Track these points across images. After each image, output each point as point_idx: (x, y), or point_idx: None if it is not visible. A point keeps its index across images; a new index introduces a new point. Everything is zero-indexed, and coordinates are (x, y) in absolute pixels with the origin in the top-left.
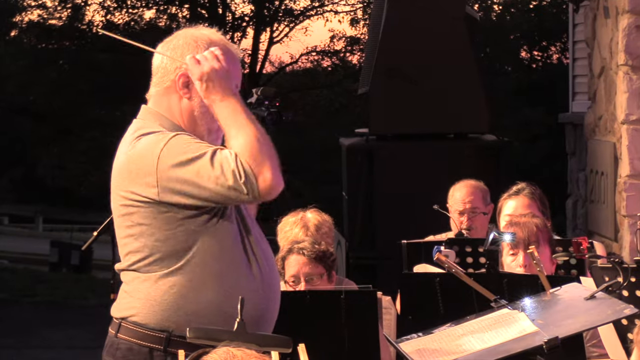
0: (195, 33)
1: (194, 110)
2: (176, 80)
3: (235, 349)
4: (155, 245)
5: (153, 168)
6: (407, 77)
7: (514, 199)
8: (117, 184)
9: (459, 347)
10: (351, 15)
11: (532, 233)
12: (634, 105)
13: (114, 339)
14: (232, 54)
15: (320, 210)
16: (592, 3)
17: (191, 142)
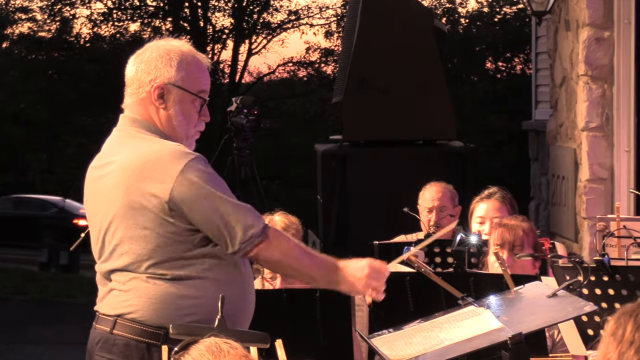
0: (167, 46)
1: (172, 119)
2: (151, 92)
3: (222, 340)
4: (157, 250)
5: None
6: (379, 87)
7: (485, 202)
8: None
9: (427, 342)
10: (325, 28)
11: (518, 236)
12: (594, 113)
13: (109, 335)
14: (201, 64)
15: (287, 213)
16: (554, 16)
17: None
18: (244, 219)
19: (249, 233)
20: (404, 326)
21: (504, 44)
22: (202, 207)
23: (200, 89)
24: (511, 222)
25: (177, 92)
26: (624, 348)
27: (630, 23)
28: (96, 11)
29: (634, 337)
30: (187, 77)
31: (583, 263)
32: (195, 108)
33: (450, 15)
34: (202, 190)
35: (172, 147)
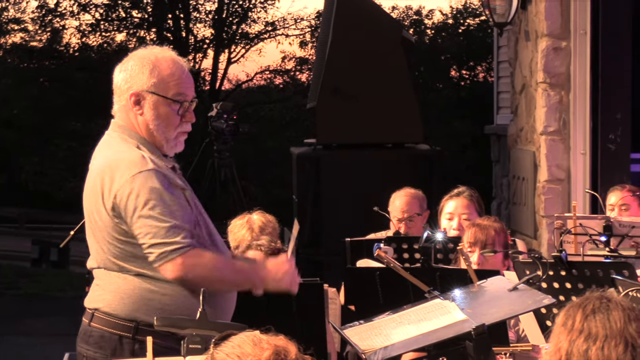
0: (144, 53)
1: (149, 124)
2: (128, 99)
3: (262, 334)
4: (125, 250)
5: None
6: (350, 94)
7: (454, 199)
8: (92, 189)
9: (396, 333)
10: (300, 38)
11: (489, 236)
12: (552, 118)
13: (87, 327)
14: (177, 69)
15: (264, 212)
16: (514, 27)
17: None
18: (163, 236)
19: (164, 249)
20: (374, 318)
21: (468, 53)
22: (132, 217)
23: (176, 92)
24: (484, 223)
25: (151, 97)
26: (574, 337)
27: (586, 33)
28: (85, 22)
29: (583, 326)
30: (160, 83)
31: (542, 259)
32: (173, 111)
33: (417, 27)
34: (137, 201)
35: (133, 155)
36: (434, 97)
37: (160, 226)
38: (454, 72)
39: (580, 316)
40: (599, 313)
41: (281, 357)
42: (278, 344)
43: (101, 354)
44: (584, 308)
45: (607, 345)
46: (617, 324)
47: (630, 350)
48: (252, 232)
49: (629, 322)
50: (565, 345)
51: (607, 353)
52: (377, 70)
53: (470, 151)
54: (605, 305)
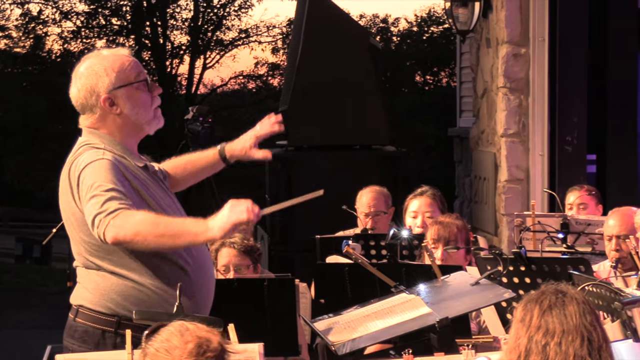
0: (89, 65)
1: (130, 115)
2: (104, 106)
3: (189, 323)
4: (95, 248)
5: (77, 175)
6: (320, 98)
7: (418, 198)
8: (63, 191)
9: (364, 326)
10: (272, 44)
11: (452, 233)
12: (511, 121)
13: (72, 323)
14: (123, 56)
15: None
16: (476, 35)
17: (109, 177)
18: (98, 209)
19: (98, 219)
20: (343, 312)
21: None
22: (84, 203)
23: (136, 74)
24: (446, 220)
25: (121, 91)
26: (532, 332)
27: (544, 40)
28: (66, 29)
29: (540, 322)
30: (119, 75)
31: (502, 255)
32: (143, 91)
33: (384, 34)
34: (85, 185)
35: (93, 152)
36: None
37: (97, 200)
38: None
39: (538, 312)
40: (555, 308)
41: (204, 348)
42: (201, 335)
43: (85, 348)
44: (541, 304)
45: (564, 340)
46: (573, 319)
47: (586, 344)
48: None
49: (583, 315)
50: (524, 341)
51: (565, 349)
52: (345, 75)
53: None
54: (561, 300)
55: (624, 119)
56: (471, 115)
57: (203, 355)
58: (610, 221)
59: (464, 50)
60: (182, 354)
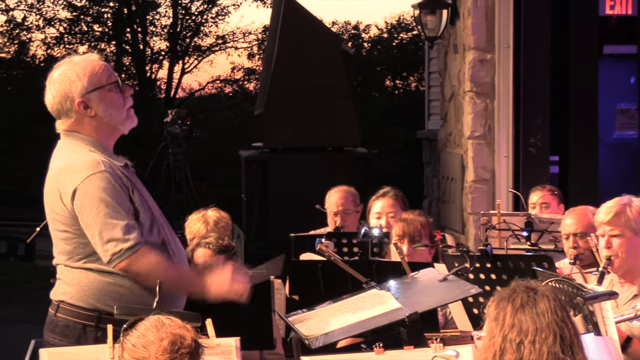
0: (62, 72)
1: (104, 117)
2: (79, 109)
3: (165, 317)
4: (80, 247)
5: (76, 184)
6: (294, 101)
7: (380, 199)
8: (50, 192)
9: (336, 321)
10: (248, 50)
11: (416, 229)
12: (478, 124)
13: (53, 318)
14: (94, 60)
15: (219, 209)
16: (444, 41)
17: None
18: (117, 235)
19: (119, 247)
20: (316, 307)
21: (401, 64)
22: (86, 216)
23: (107, 77)
24: (410, 217)
25: (95, 94)
26: (506, 331)
27: (509, 47)
28: (50, 35)
29: (514, 321)
30: (92, 78)
31: (469, 252)
32: (115, 93)
33: (355, 40)
34: (91, 202)
35: (87, 157)
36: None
37: (113, 223)
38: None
39: (511, 310)
40: (527, 307)
41: (178, 345)
42: (175, 332)
43: (66, 342)
44: (513, 302)
45: (538, 338)
46: (546, 317)
47: (559, 341)
48: (207, 226)
49: (555, 312)
50: (499, 340)
51: (539, 347)
52: (318, 80)
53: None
54: (533, 298)
55: (586, 122)
56: (439, 118)
57: (177, 352)
58: (567, 220)
59: (432, 55)
60: (157, 350)
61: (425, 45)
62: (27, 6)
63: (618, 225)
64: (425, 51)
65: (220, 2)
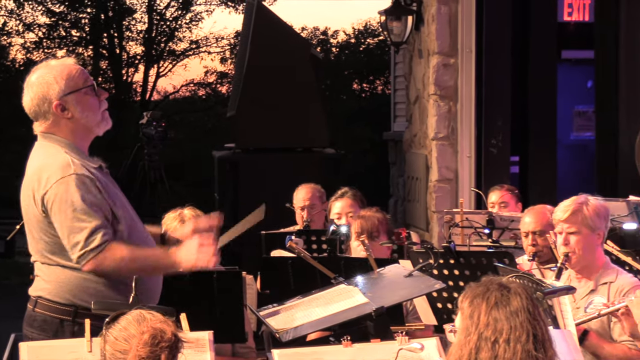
0: (39, 76)
1: (80, 118)
2: (56, 111)
3: (146, 311)
4: (56, 246)
5: (47, 188)
6: (265, 104)
7: (340, 200)
8: (25, 193)
9: (306, 315)
10: (221, 55)
11: (374, 225)
12: (441, 125)
13: (31, 313)
14: (70, 65)
15: (195, 208)
16: (409, 46)
17: (90, 197)
18: (82, 237)
19: (83, 250)
20: (286, 302)
21: (368, 68)
22: (56, 219)
23: (83, 81)
24: (368, 214)
25: (71, 97)
26: (482, 329)
27: (472, 52)
28: (29, 40)
29: (489, 319)
30: (69, 82)
31: (433, 249)
32: (91, 96)
33: (324, 45)
34: (59, 205)
35: (60, 159)
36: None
37: (80, 227)
38: (356, 85)
39: (485, 309)
40: (502, 305)
41: (158, 339)
42: (156, 326)
43: (44, 336)
44: (487, 300)
45: (512, 337)
46: (519, 316)
47: (532, 340)
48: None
49: (528, 311)
50: (474, 338)
51: (513, 345)
52: (289, 83)
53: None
54: (506, 296)
55: (544, 124)
56: (404, 120)
57: (157, 346)
58: (526, 218)
59: (397, 60)
60: (139, 343)
61: (391, 50)
62: (7, 12)
63: (575, 223)
64: (391, 56)
65: (194, 8)
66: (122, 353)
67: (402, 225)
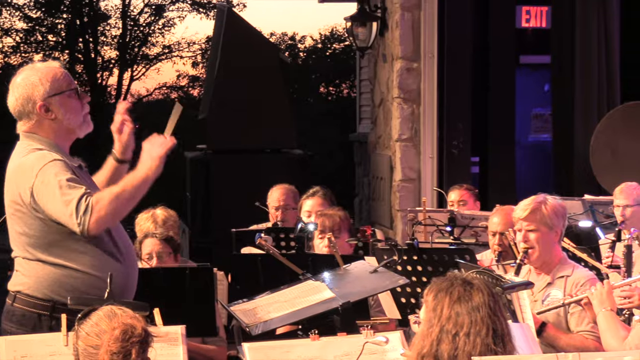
0: (25, 76)
1: (63, 120)
2: (40, 112)
3: (117, 307)
4: (37, 241)
5: (32, 180)
6: (235, 106)
7: (310, 199)
8: (8, 189)
9: (275, 309)
10: (192, 59)
11: (336, 223)
12: (405, 127)
13: (10, 307)
14: (56, 68)
15: (167, 208)
16: (373, 51)
17: (67, 175)
18: (74, 206)
19: (80, 217)
20: (256, 297)
21: (334, 72)
22: (46, 200)
23: (67, 84)
24: (330, 212)
25: (55, 99)
26: (443, 322)
27: (434, 57)
28: (7, 45)
29: (451, 313)
30: (54, 84)
31: (397, 246)
32: (74, 99)
33: (292, 50)
34: (47, 188)
35: (38, 153)
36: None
37: (68, 200)
38: (322, 89)
39: (448, 303)
40: (464, 300)
41: (129, 334)
42: (126, 322)
43: (23, 330)
44: (451, 294)
45: (472, 330)
46: (480, 311)
47: (491, 334)
48: (156, 225)
49: (489, 306)
50: (436, 330)
51: (473, 339)
52: (258, 86)
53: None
54: (469, 292)
55: (504, 126)
56: (369, 122)
57: (128, 341)
58: (494, 219)
59: (363, 64)
60: (110, 338)
61: (357, 54)
62: None
63: (534, 221)
64: (357, 60)
65: (167, 14)
66: (94, 348)
67: (367, 223)
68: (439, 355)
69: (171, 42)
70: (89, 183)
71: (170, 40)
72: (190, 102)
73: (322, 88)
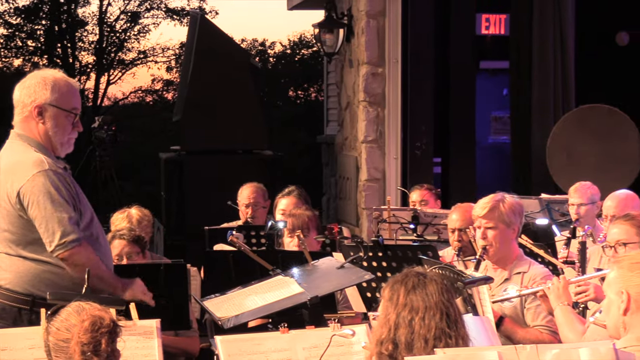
0: (43, 74)
1: (49, 131)
2: (32, 111)
3: (84, 303)
4: (20, 239)
5: (22, 182)
6: (208, 109)
7: (286, 198)
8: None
9: (246, 304)
10: (167, 64)
11: (304, 222)
12: (370, 129)
13: None
14: (72, 87)
15: (141, 207)
16: (340, 56)
17: (61, 191)
18: (62, 227)
19: (63, 239)
20: (228, 292)
21: (303, 77)
22: (34, 211)
23: (72, 107)
24: (298, 212)
25: (52, 109)
26: (399, 309)
27: (398, 62)
28: None
29: (406, 300)
30: (60, 98)
31: (363, 242)
32: (69, 121)
33: (262, 55)
34: (38, 196)
35: (32, 157)
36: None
37: (59, 217)
38: (291, 93)
39: (403, 292)
40: (418, 288)
41: (98, 325)
42: (95, 314)
43: (3, 324)
44: (406, 284)
45: (427, 315)
46: (434, 297)
47: (445, 318)
48: (131, 224)
49: (442, 294)
50: (393, 317)
51: (428, 322)
52: (230, 90)
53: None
54: (423, 281)
55: (464, 128)
56: (336, 125)
57: (97, 331)
58: (453, 216)
59: (330, 69)
60: (80, 330)
61: (324, 60)
62: None
63: (492, 218)
64: (324, 65)
65: (142, 21)
66: (64, 342)
67: (334, 221)
68: (397, 340)
69: (146, 47)
70: (75, 189)
71: (145, 46)
72: (164, 105)
73: (291, 92)
